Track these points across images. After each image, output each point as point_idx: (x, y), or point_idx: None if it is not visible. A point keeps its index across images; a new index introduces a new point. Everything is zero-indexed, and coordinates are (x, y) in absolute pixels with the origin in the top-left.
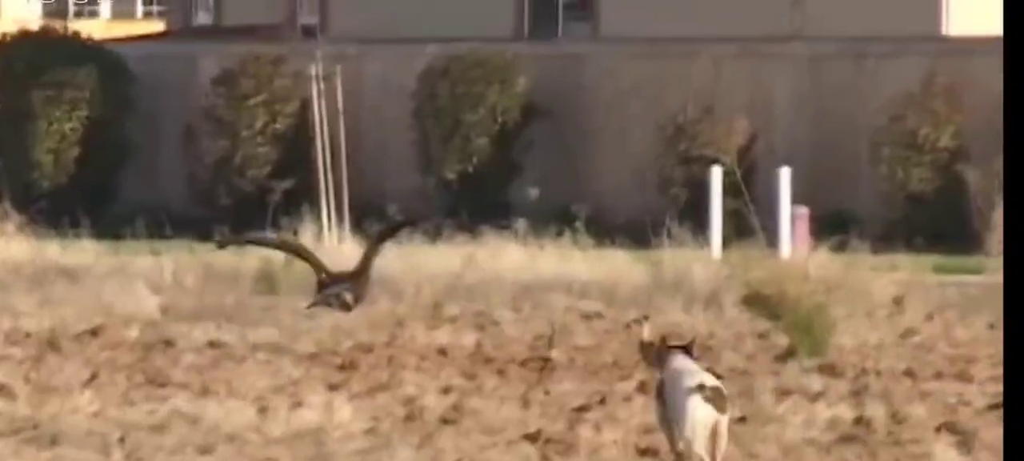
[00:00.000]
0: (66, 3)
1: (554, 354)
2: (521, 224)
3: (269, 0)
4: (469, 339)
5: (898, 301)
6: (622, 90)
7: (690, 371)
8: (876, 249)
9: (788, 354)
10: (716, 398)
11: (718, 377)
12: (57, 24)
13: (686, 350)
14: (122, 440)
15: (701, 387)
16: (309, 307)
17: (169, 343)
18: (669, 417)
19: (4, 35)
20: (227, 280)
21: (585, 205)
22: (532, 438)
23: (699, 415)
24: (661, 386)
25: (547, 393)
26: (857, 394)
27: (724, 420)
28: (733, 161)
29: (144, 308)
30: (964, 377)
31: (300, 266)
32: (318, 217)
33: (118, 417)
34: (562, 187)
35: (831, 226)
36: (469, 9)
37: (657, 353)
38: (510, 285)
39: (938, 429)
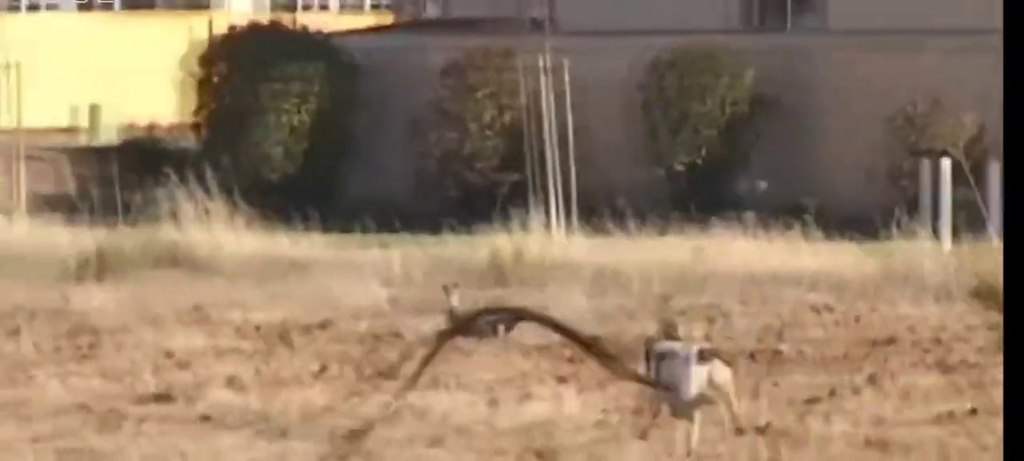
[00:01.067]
0: None
1: (784, 346)
2: (750, 216)
3: None
4: (698, 331)
5: None
6: (850, 82)
7: None
8: None
9: None
10: None
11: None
12: (286, 17)
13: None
14: (350, 434)
15: None
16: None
17: (397, 336)
18: None
19: (233, 29)
20: (456, 273)
21: (814, 197)
22: (761, 430)
23: None
24: None
25: (776, 385)
26: None
27: None
28: (962, 153)
29: (373, 301)
30: None
31: (529, 259)
32: (545, 210)
33: (346, 409)
34: (791, 179)
35: None
36: (697, 1)
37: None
38: (739, 277)
39: None
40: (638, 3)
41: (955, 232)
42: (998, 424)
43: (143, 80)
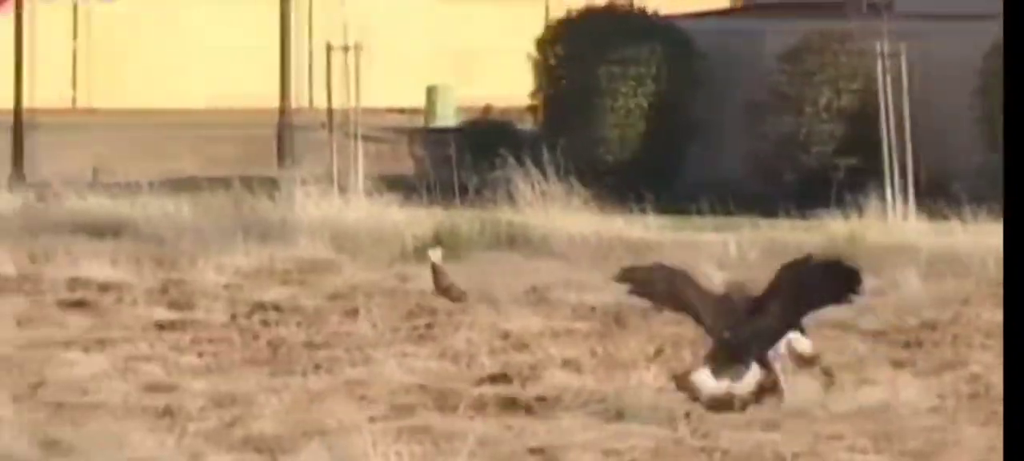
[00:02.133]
0: None
1: None
2: None
3: None
4: None
5: None
6: None
7: None
8: None
9: None
10: None
11: None
12: (622, 0)
13: None
14: (688, 415)
15: None
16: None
17: None
18: None
19: (570, 12)
20: (792, 256)
21: None
22: None
23: None
24: None
25: None
26: None
27: None
28: None
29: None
30: None
31: (865, 243)
32: (882, 195)
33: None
34: None
35: None
36: None
37: None
38: None
39: None
40: None
41: None
42: None
43: (482, 62)
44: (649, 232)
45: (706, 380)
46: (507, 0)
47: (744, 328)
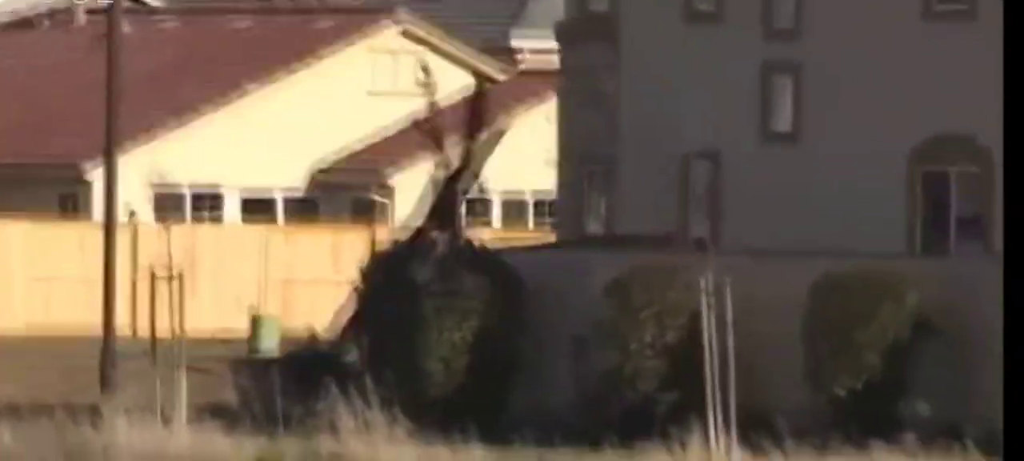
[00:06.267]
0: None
1: None
2: (911, 439)
3: (661, 211)
4: None
5: None
6: None
7: None
8: None
9: None
10: None
11: None
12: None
13: None
14: None
15: None
16: None
17: None
18: None
19: (395, 242)
20: None
21: (975, 425)
22: None
23: None
24: None
25: None
26: None
27: None
28: None
29: None
30: None
31: None
32: (704, 430)
33: None
34: (952, 405)
35: None
36: (860, 224)
37: None
38: None
39: None
40: (801, 225)
41: None
42: None
43: (307, 291)
44: None
45: None
46: (333, 230)
47: None
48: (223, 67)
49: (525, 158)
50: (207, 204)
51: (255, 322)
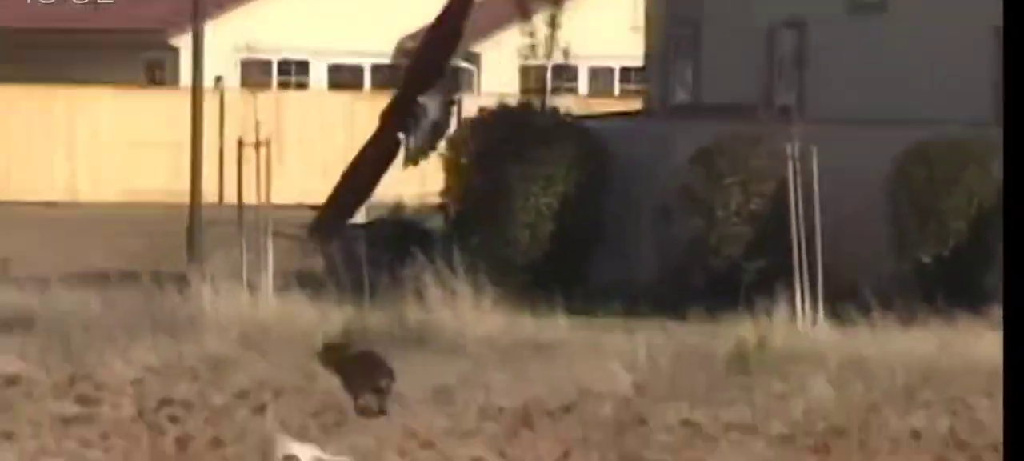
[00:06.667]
0: (544, 79)
1: None
2: (996, 310)
3: (746, 80)
4: (942, 424)
5: None
6: None
7: None
8: None
9: None
10: None
11: None
12: (535, 99)
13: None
14: None
15: None
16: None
17: (642, 421)
18: None
19: (482, 110)
20: (700, 359)
21: None
22: None
23: None
24: None
25: None
26: None
27: None
28: None
29: (617, 386)
30: None
31: (773, 347)
32: (791, 299)
33: None
34: None
35: None
36: (946, 94)
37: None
38: (985, 371)
39: None
40: (887, 93)
41: None
42: None
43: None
44: (558, 332)
45: None
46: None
47: None
48: None
49: (612, 25)
50: (294, 71)
51: None
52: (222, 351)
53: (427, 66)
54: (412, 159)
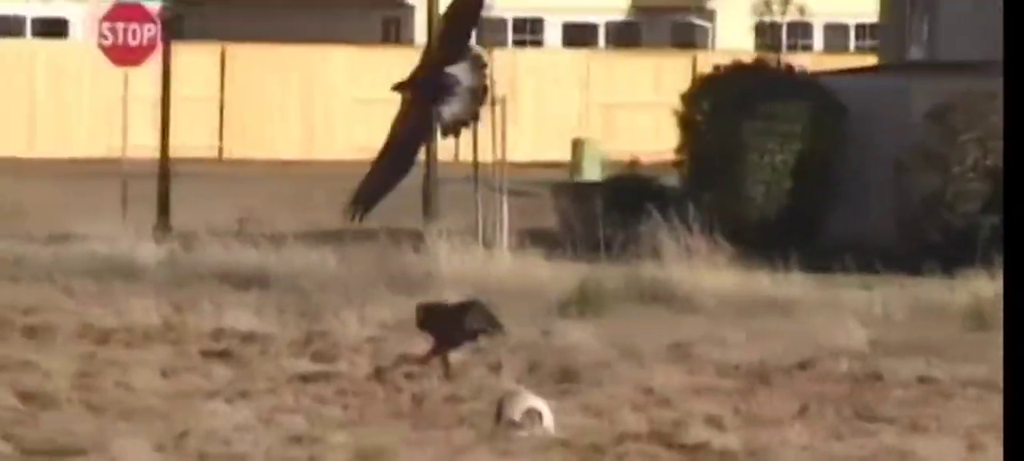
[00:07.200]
0: (779, 36)
1: None
2: None
3: (983, 35)
4: None
5: None
6: None
7: None
8: None
9: None
10: None
11: None
12: (770, 57)
13: None
14: None
15: None
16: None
17: (878, 377)
18: None
19: (717, 68)
20: (937, 314)
21: None
22: None
23: None
24: None
25: None
26: None
27: None
28: None
29: (853, 342)
30: None
31: None
32: None
33: (826, 451)
34: None
35: None
36: None
37: None
38: None
39: None
40: None
41: None
42: None
43: (627, 117)
44: (793, 289)
45: None
46: (654, 55)
47: None
48: None
49: None
50: (528, 30)
51: (577, 147)
52: None
53: (451, 35)
54: (451, 129)
